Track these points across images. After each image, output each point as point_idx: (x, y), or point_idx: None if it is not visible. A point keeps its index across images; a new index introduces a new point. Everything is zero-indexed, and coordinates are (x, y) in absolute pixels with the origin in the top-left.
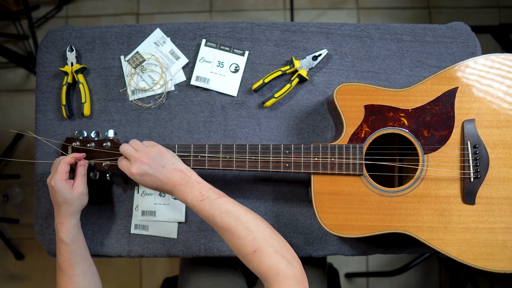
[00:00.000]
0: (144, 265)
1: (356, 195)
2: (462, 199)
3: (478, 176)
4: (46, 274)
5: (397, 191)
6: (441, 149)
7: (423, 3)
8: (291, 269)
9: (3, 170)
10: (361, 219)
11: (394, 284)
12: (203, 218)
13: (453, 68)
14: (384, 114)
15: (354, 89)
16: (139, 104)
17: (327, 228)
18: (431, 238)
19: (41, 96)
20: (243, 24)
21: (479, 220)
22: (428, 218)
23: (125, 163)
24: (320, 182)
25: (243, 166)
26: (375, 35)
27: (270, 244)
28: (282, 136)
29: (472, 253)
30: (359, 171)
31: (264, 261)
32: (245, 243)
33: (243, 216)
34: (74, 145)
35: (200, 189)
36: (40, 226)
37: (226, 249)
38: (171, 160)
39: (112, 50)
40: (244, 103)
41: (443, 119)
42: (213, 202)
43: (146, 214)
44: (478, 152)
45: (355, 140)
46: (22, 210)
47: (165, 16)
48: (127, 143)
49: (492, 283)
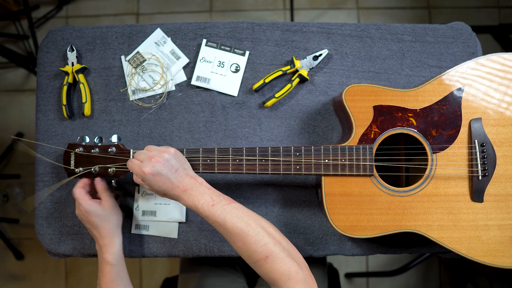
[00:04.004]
0: (144, 265)
1: (367, 196)
2: (471, 197)
3: (486, 174)
4: (46, 274)
5: (407, 190)
6: (449, 148)
7: (423, 3)
8: (302, 273)
9: (3, 170)
10: (372, 220)
11: (394, 284)
12: (213, 224)
13: (459, 67)
14: (392, 114)
15: (362, 89)
16: (140, 104)
17: (339, 229)
18: (441, 237)
19: (41, 96)
20: (243, 24)
21: (488, 218)
22: (437, 217)
23: (136, 162)
24: (331, 183)
25: (253, 170)
26: (375, 35)
27: (281, 249)
28: (283, 136)
29: (482, 250)
30: (370, 172)
31: (276, 267)
32: (256, 248)
33: (253, 222)
34: (78, 151)
35: (211, 195)
36: (40, 226)
37: (226, 249)
38: (184, 165)
39: (113, 50)
40: (244, 103)
41: (450, 118)
42: (224, 207)
43: (146, 214)
44: (486, 150)
45: (365, 141)
46: (22, 210)
47: (165, 16)
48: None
49: (492, 283)
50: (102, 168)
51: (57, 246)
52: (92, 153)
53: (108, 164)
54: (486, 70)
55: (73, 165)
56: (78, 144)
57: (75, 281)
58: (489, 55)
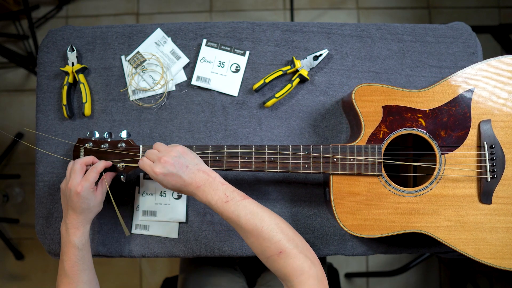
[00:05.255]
0: (144, 265)
1: (375, 196)
2: (479, 199)
3: (495, 176)
4: (46, 274)
5: (415, 191)
6: (458, 149)
7: (423, 3)
8: (314, 269)
9: (3, 170)
10: (380, 219)
11: (394, 284)
12: (226, 220)
13: (469, 69)
14: (402, 114)
15: (372, 89)
16: (140, 104)
17: (346, 229)
18: (448, 238)
19: (41, 96)
20: (244, 24)
21: (496, 220)
22: (445, 218)
23: (148, 162)
24: (339, 182)
25: (262, 167)
26: (376, 35)
27: (294, 245)
28: (283, 136)
29: (489, 252)
30: (378, 172)
31: (289, 262)
32: (270, 244)
33: (267, 218)
34: (87, 146)
35: (225, 191)
36: (40, 226)
37: (226, 249)
38: (194, 161)
39: (113, 50)
40: (245, 103)
41: (460, 119)
42: (238, 203)
43: (146, 214)
44: (495, 152)
45: (374, 141)
46: (22, 210)
47: (165, 16)
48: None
49: (492, 283)
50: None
51: (57, 246)
52: (102, 148)
53: (117, 159)
54: (497, 72)
55: None
56: (88, 139)
57: None
58: (500, 57)
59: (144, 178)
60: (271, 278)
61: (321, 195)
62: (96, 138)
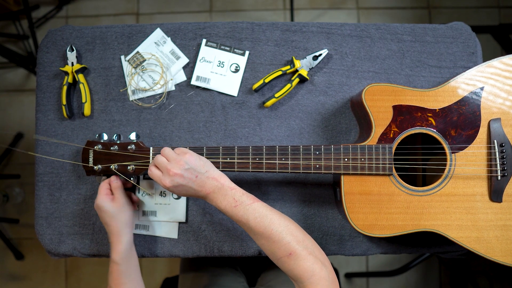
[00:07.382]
0: (144, 265)
1: (386, 195)
2: (490, 197)
3: (505, 174)
4: (46, 274)
5: (426, 190)
6: (468, 148)
7: (423, 3)
8: (325, 270)
9: (3, 170)
10: (391, 219)
11: (394, 284)
12: (237, 223)
13: (478, 68)
14: (412, 114)
15: (382, 89)
16: (140, 104)
17: (358, 228)
18: (459, 236)
19: (41, 96)
20: (243, 24)
21: (507, 218)
22: (456, 217)
23: (157, 173)
24: (350, 182)
25: (273, 168)
26: (375, 35)
27: (304, 247)
28: (283, 136)
29: (501, 250)
30: (389, 171)
31: (299, 264)
32: (280, 246)
33: (277, 220)
34: (97, 148)
35: (234, 195)
36: (40, 226)
37: (226, 249)
38: (203, 168)
39: (113, 50)
40: (244, 103)
41: (469, 118)
42: (247, 207)
43: (146, 214)
44: (505, 150)
45: (384, 140)
46: (22, 210)
47: (165, 16)
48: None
49: (492, 283)
50: (121, 166)
51: (57, 246)
52: (112, 150)
53: (126, 161)
54: (507, 69)
55: (91, 163)
56: (97, 141)
57: (75, 281)
58: (510, 55)
59: (144, 178)
60: (272, 278)
61: (320, 195)
62: (105, 141)
